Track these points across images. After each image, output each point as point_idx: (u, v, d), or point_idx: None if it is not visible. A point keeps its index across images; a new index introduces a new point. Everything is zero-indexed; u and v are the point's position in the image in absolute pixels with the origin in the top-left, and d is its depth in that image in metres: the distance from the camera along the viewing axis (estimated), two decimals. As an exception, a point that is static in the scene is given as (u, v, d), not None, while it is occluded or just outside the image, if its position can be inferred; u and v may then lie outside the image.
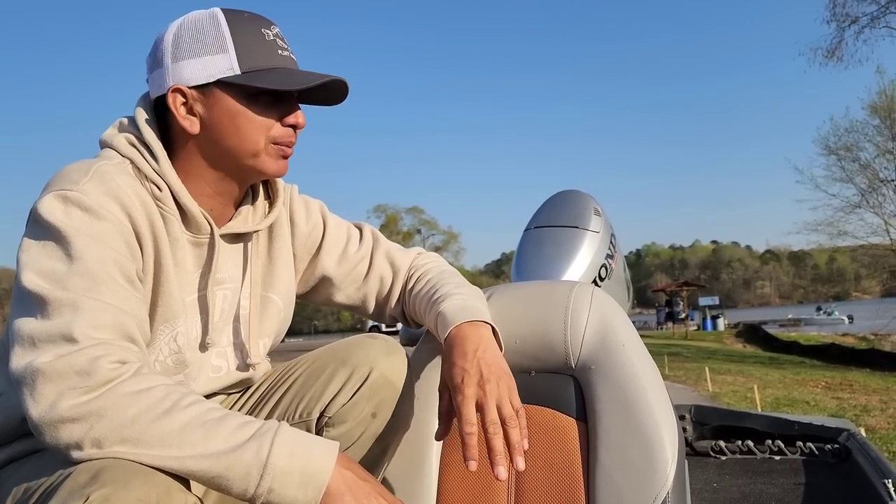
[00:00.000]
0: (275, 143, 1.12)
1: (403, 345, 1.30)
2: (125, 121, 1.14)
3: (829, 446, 2.19)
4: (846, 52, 20.67)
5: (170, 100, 1.08)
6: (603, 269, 2.00)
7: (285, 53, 1.11)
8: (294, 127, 1.13)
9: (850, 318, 50.43)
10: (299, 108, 1.13)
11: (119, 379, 0.88)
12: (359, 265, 1.36)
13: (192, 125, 1.09)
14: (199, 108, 1.09)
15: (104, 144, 1.12)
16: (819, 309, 58.58)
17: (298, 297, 1.38)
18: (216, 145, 1.10)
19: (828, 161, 25.22)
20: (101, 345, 0.90)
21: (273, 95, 1.10)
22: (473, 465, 1.03)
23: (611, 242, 2.04)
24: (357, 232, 1.39)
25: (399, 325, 1.56)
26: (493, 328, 1.19)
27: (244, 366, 1.21)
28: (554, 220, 2.01)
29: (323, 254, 1.33)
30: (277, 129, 1.11)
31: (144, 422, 0.86)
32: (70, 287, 0.92)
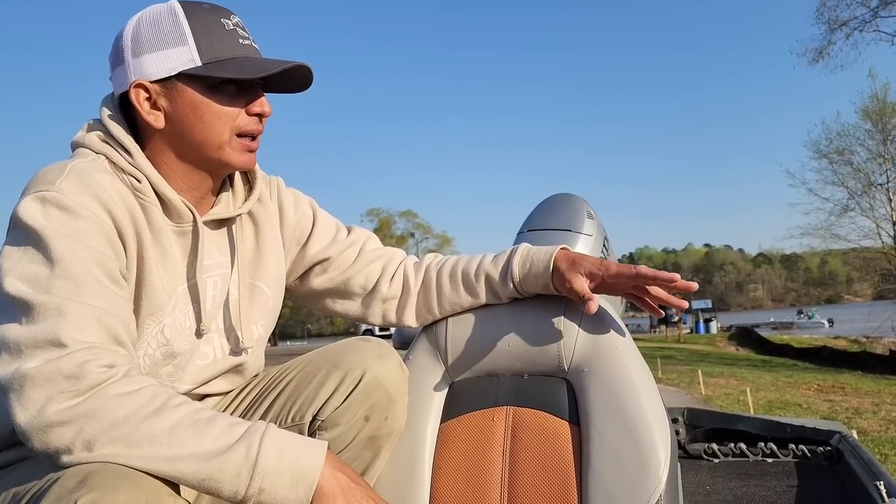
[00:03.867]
0: (239, 135, 1.11)
1: (396, 348, 1.30)
2: (93, 122, 1.14)
3: (821, 449, 2.20)
4: (835, 55, 20.81)
5: (132, 96, 1.08)
6: (596, 272, 1.99)
7: (247, 42, 1.11)
8: (260, 116, 1.12)
9: (830, 321, 50.76)
10: (263, 97, 1.12)
11: (108, 381, 0.87)
12: (347, 250, 1.37)
13: (156, 120, 1.10)
14: (162, 102, 1.09)
15: (76, 145, 1.11)
16: (800, 313, 59.12)
17: (287, 292, 1.38)
18: (181, 138, 1.10)
19: (819, 165, 25.39)
20: (89, 349, 0.89)
21: (237, 85, 1.09)
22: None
23: (604, 246, 2.03)
24: (347, 229, 1.41)
25: (391, 329, 1.57)
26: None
27: (235, 351, 1.21)
28: (547, 224, 2.01)
29: (312, 242, 1.34)
30: (242, 119, 1.11)
31: (134, 421, 0.86)
32: (53, 291, 0.91)
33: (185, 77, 1.07)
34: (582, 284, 1.25)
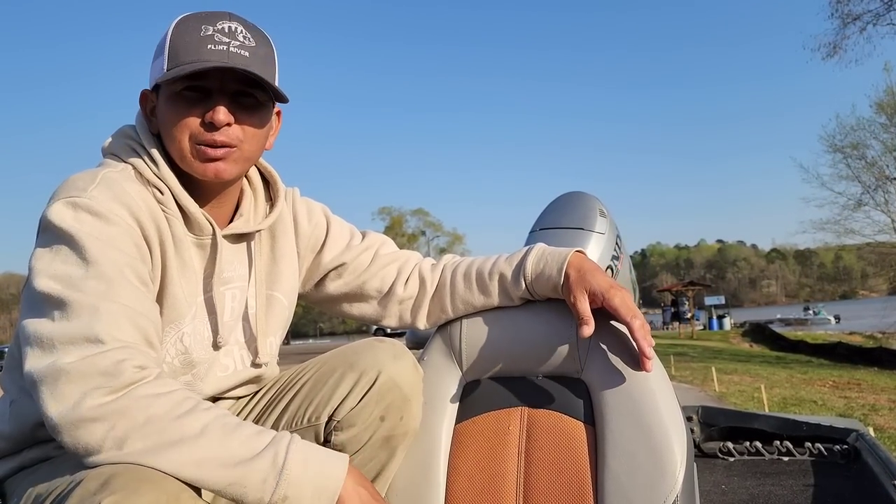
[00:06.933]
0: (198, 144, 1.07)
1: (410, 348, 1.30)
2: (126, 128, 1.16)
3: (837, 447, 2.18)
4: (849, 50, 20.59)
5: (140, 102, 1.14)
6: (609, 270, 1.99)
7: (220, 48, 1.05)
8: (212, 125, 1.05)
9: (837, 317, 50.19)
10: (221, 105, 1.06)
11: (141, 381, 0.89)
12: (362, 255, 1.37)
13: (153, 126, 1.13)
14: (156, 109, 1.12)
15: (106, 153, 1.13)
16: (807, 309, 58.50)
17: (302, 297, 1.39)
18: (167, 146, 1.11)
19: (833, 159, 25.14)
20: (125, 348, 0.90)
21: (199, 92, 1.06)
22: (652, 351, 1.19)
23: (616, 243, 2.03)
24: (362, 234, 1.41)
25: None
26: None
27: (252, 364, 1.22)
28: (559, 222, 2.00)
29: (326, 249, 1.35)
30: (195, 128, 1.06)
31: (166, 421, 0.87)
32: (87, 290, 0.92)
33: (160, 85, 1.09)
34: (584, 305, 1.21)
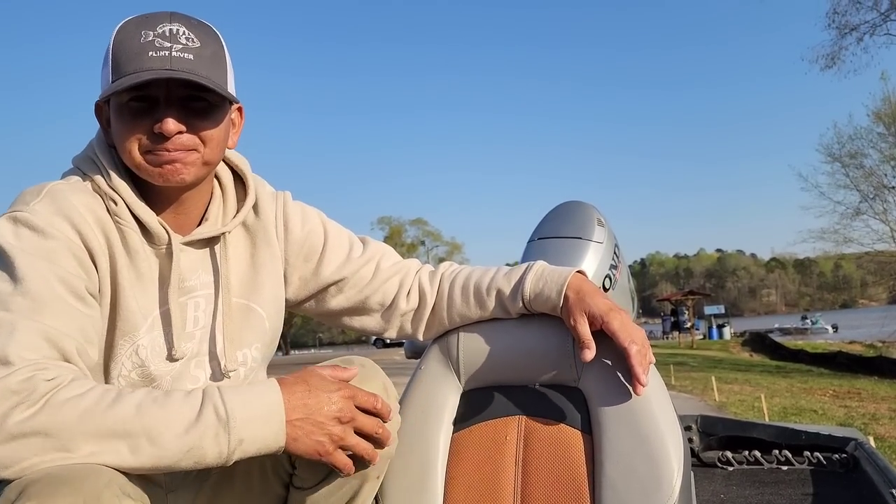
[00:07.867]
0: (149, 153, 1.04)
1: (408, 357, 1.29)
2: (93, 139, 1.15)
3: (836, 456, 2.18)
4: (846, 60, 20.71)
5: (95, 114, 1.12)
6: (607, 279, 1.99)
7: (162, 53, 1.01)
8: (162, 135, 1.02)
9: (835, 327, 50.09)
10: (168, 115, 1.02)
11: (56, 389, 0.86)
12: (363, 269, 1.33)
13: (109, 137, 1.11)
14: (110, 120, 1.10)
15: (73, 163, 1.13)
16: (804, 318, 58.38)
17: (302, 311, 1.36)
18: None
19: (832, 168, 25.20)
20: (33, 365, 0.88)
21: (146, 102, 1.03)
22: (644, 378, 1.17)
23: (614, 253, 2.03)
24: (361, 242, 1.38)
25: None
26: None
27: (225, 375, 1.17)
28: (557, 232, 2.01)
29: (325, 260, 1.31)
30: (145, 139, 1.04)
31: (98, 413, 0.85)
32: (11, 308, 0.92)
33: (109, 96, 1.05)
34: (585, 329, 1.21)
